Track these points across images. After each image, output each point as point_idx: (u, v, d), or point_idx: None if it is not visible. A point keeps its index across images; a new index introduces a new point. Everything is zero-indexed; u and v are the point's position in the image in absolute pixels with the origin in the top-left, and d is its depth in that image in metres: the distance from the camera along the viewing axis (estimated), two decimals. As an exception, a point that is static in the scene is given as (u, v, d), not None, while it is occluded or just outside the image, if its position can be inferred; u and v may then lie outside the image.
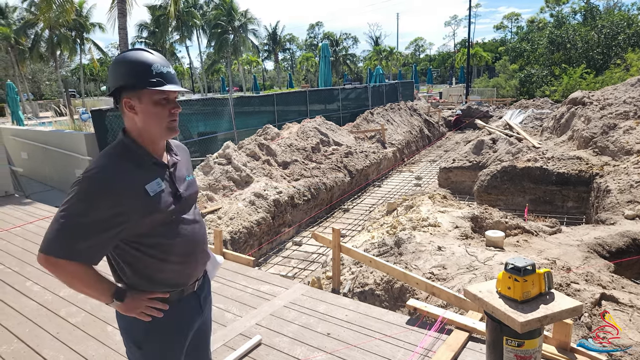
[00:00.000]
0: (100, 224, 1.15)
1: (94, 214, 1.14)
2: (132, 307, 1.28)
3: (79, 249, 1.15)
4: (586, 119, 7.74)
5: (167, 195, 1.29)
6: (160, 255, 1.29)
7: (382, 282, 3.53)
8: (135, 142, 1.26)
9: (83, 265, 1.19)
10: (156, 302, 1.30)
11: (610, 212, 5.07)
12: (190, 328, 1.42)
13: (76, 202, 1.14)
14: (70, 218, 1.14)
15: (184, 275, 1.37)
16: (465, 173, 8.78)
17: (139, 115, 1.24)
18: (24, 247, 4.29)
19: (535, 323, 1.70)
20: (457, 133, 16.90)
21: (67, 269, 1.17)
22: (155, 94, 1.23)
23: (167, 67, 1.26)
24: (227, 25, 35.12)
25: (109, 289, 1.25)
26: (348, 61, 55.92)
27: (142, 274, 1.29)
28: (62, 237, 1.14)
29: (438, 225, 4.29)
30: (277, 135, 9.25)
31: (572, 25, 24.21)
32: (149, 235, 1.26)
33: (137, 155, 1.26)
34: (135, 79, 1.21)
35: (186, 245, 1.34)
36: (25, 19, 27.24)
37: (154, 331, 1.33)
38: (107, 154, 1.24)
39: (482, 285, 1.97)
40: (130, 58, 1.23)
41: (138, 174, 1.23)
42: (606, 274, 3.20)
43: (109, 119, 7.09)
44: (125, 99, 1.23)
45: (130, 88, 1.22)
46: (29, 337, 2.70)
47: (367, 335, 2.54)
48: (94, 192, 1.15)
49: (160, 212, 1.26)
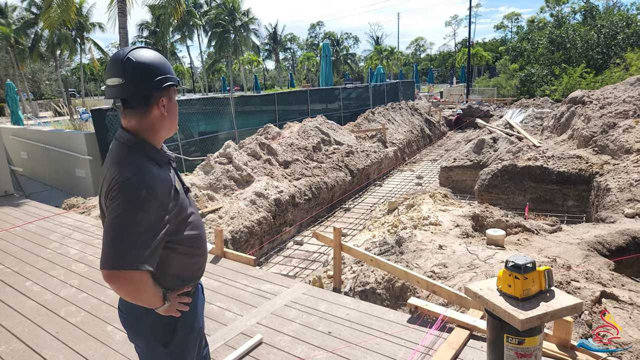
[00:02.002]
0: (155, 228, 1.17)
1: (149, 220, 1.15)
2: (171, 307, 1.30)
3: (145, 256, 1.15)
4: (586, 118, 7.73)
5: (183, 190, 1.34)
6: (186, 250, 1.32)
7: (383, 281, 3.53)
8: (147, 142, 1.26)
9: (147, 273, 1.18)
10: (184, 297, 1.34)
11: (610, 210, 5.07)
12: (202, 316, 1.49)
13: (129, 211, 1.13)
14: (129, 228, 1.13)
15: (201, 266, 1.42)
16: (466, 172, 8.78)
17: (168, 113, 1.25)
18: (24, 247, 4.29)
19: (536, 320, 1.70)
20: (457, 132, 16.90)
21: (134, 280, 1.16)
22: (174, 92, 1.27)
23: None
24: (228, 25, 35.12)
25: (160, 293, 1.26)
26: (349, 61, 55.91)
27: (170, 272, 1.31)
28: (127, 248, 1.13)
29: (439, 224, 4.29)
30: (278, 135, 9.24)
31: (572, 25, 24.21)
32: (178, 232, 1.28)
33: (155, 155, 1.26)
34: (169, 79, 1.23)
35: (201, 235, 1.40)
36: (25, 18, 27.24)
37: (180, 326, 1.35)
38: (132, 158, 1.21)
39: (482, 283, 1.97)
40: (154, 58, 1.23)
41: (164, 174, 1.25)
42: (606, 272, 3.20)
43: (109, 118, 7.09)
44: (164, 99, 1.24)
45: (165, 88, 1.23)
46: (28, 337, 2.70)
47: (368, 333, 2.54)
48: (142, 198, 1.14)
49: (187, 208, 1.31)
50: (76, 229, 4.83)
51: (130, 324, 1.37)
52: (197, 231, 1.36)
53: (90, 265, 3.79)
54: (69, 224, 5.00)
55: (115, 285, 1.16)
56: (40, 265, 3.80)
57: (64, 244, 4.36)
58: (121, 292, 1.19)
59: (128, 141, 1.24)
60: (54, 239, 4.52)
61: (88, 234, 4.66)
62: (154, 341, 1.35)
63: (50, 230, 4.79)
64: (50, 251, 4.16)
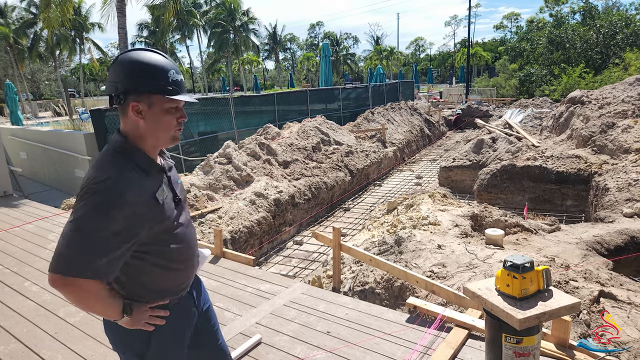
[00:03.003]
0: (118, 237, 1.09)
1: (111, 227, 1.07)
2: (137, 319, 1.23)
3: (99, 265, 1.07)
4: (585, 118, 7.74)
5: (170, 202, 1.25)
6: (162, 263, 1.25)
7: (382, 281, 3.54)
8: (137, 148, 1.20)
9: (100, 282, 1.11)
10: (158, 310, 1.27)
11: (609, 210, 5.07)
12: (189, 327, 1.41)
13: (91, 216, 1.06)
14: (87, 233, 1.06)
15: (183, 281, 1.35)
16: (466, 172, 8.78)
17: (146, 121, 1.17)
18: (23, 248, 4.29)
19: (534, 320, 1.70)
20: (457, 132, 16.91)
21: (83, 288, 1.09)
22: (167, 102, 1.17)
23: (180, 74, 1.21)
24: (227, 25, 35.11)
25: (119, 305, 1.20)
26: (349, 61, 55.92)
27: (142, 284, 1.25)
28: (79, 253, 1.06)
29: (438, 223, 4.29)
30: (277, 135, 9.25)
31: (571, 25, 24.24)
32: (153, 243, 1.21)
33: (142, 161, 1.20)
34: (150, 84, 1.14)
35: (186, 250, 1.32)
36: (24, 18, 27.21)
37: (155, 338, 1.29)
38: (112, 161, 1.16)
39: (481, 282, 1.98)
40: (145, 60, 1.15)
41: (147, 182, 1.18)
42: (605, 272, 3.20)
43: (108, 118, 7.08)
44: (134, 103, 1.15)
45: (142, 92, 1.15)
46: (26, 337, 2.69)
47: (366, 333, 2.54)
48: (109, 204, 1.07)
49: (168, 219, 1.23)
50: (75, 229, 4.83)
51: (107, 333, 1.33)
52: (180, 245, 1.28)
53: (89, 265, 3.79)
54: (68, 224, 5.00)
55: (61, 292, 1.09)
56: (39, 266, 3.80)
57: (63, 244, 4.35)
58: (68, 299, 1.13)
59: (116, 143, 1.20)
60: (52, 239, 4.51)
61: (87, 234, 4.65)
62: (128, 353, 1.31)
63: (49, 231, 4.78)
64: (49, 251, 4.16)
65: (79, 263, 1.06)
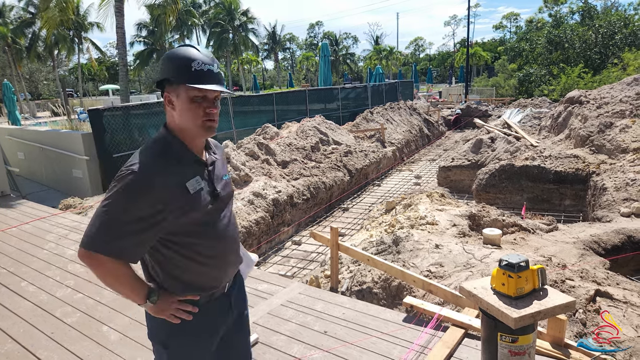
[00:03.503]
0: (142, 222, 1.13)
1: (135, 212, 1.12)
2: (162, 309, 1.25)
3: (121, 246, 1.14)
4: (583, 118, 7.76)
5: (205, 194, 1.26)
6: (192, 256, 1.26)
7: (380, 280, 3.54)
8: (176, 138, 1.24)
9: (122, 263, 1.17)
10: (186, 305, 1.27)
11: (607, 209, 5.08)
12: (218, 329, 1.40)
13: (118, 199, 1.13)
14: (113, 215, 1.13)
15: (214, 278, 1.34)
16: (464, 172, 8.79)
17: (176, 110, 1.23)
18: (20, 248, 4.28)
19: (529, 319, 1.70)
20: (456, 132, 16.92)
21: (106, 266, 1.16)
22: (192, 91, 1.19)
23: (210, 65, 1.21)
24: (226, 25, 35.08)
25: (142, 290, 1.23)
26: (348, 61, 55.92)
27: (172, 275, 1.27)
28: (103, 233, 1.13)
29: (436, 223, 4.29)
30: (276, 135, 9.25)
31: (570, 25, 24.27)
32: (184, 234, 1.23)
33: (178, 151, 1.24)
34: (174, 74, 1.20)
35: (219, 246, 1.32)
36: (22, 18, 27.16)
37: (179, 332, 1.30)
38: (148, 148, 1.23)
39: (477, 282, 1.98)
40: (176, 53, 1.22)
41: (179, 171, 1.21)
42: (601, 271, 3.21)
43: (106, 118, 7.07)
44: (166, 94, 1.23)
45: (171, 83, 1.21)
46: (23, 337, 2.69)
47: (363, 332, 2.54)
48: (136, 189, 1.13)
49: (198, 210, 1.23)
50: (73, 229, 4.82)
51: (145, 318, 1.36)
52: (212, 240, 1.29)
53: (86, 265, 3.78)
54: (66, 225, 4.99)
55: (86, 266, 1.17)
56: (36, 266, 3.80)
57: (60, 244, 4.35)
58: (94, 274, 1.20)
59: (157, 134, 1.27)
60: (50, 239, 4.51)
61: (85, 234, 4.65)
62: (155, 340, 1.34)
63: (47, 231, 4.78)
64: (47, 252, 4.15)
65: (101, 241, 1.13)
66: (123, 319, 2.85)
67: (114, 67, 41.11)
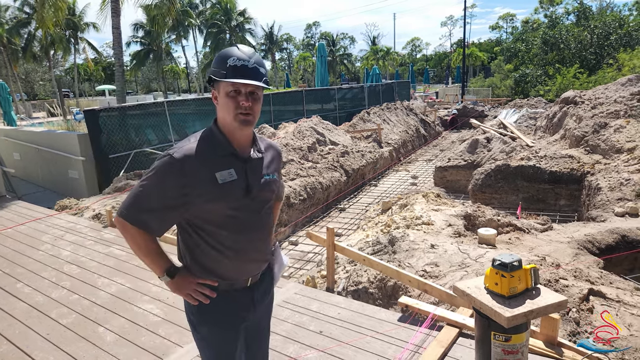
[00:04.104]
0: (166, 200, 1.24)
1: (163, 192, 1.24)
2: (179, 286, 1.33)
3: (145, 219, 1.26)
4: (578, 118, 7.81)
5: (236, 188, 1.30)
6: (215, 245, 1.32)
7: (375, 280, 3.55)
8: (219, 130, 1.32)
9: (144, 233, 1.28)
10: (204, 288, 1.34)
11: (601, 209, 5.13)
12: (237, 322, 1.42)
13: (151, 178, 1.25)
14: (144, 191, 1.25)
15: (234, 270, 1.38)
16: (461, 172, 8.83)
17: (219, 106, 1.31)
18: (15, 249, 4.26)
19: (521, 318, 1.72)
20: (453, 132, 16.99)
21: (130, 232, 1.28)
22: (226, 86, 1.26)
23: (246, 61, 1.26)
24: (223, 25, 35.03)
25: (163, 264, 1.33)
26: (345, 61, 55.97)
27: (197, 260, 1.35)
28: (132, 203, 1.26)
29: (431, 223, 4.32)
30: (273, 135, 9.25)
31: (565, 25, 24.45)
32: (211, 222, 1.30)
33: (217, 142, 1.31)
34: (213, 72, 1.28)
35: (243, 241, 1.36)
36: (17, 18, 26.99)
37: (201, 315, 1.38)
38: (191, 136, 1.32)
39: (470, 281, 1.99)
40: (219, 53, 1.29)
41: (212, 160, 1.28)
42: (595, 270, 3.24)
43: (102, 119, 7.05)
44: (213, 90, 1.32)
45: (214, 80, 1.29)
46: (19, 338, 2.68)
47: (358, 332, 2.56)
48: (166, 170, 1.23)
49: (225, 201, 1.29)
50: (68, 230, 4.81)
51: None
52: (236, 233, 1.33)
53: (82, 266, 3.77)
54: (61, 226, 4.97)
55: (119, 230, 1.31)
56: (32, 267, 3.78)
57: (55, 245, 4.33)
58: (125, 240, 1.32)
59: (208, 127, 1.35)
60: (45, 240, 4.49)
61: (80, 235, 4.64)
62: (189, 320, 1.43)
63: (42, 232, 4.76)
64: (42, 253, 4.14)
65: (130, 210, 1.27)
66: (119, 319, 2.85)
67: (111, 68, 40.96)
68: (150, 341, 2.59)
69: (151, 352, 2.48)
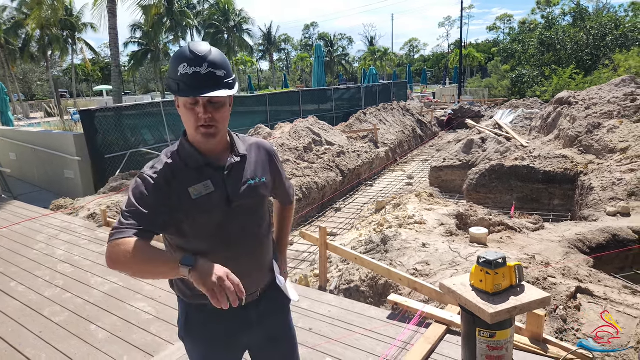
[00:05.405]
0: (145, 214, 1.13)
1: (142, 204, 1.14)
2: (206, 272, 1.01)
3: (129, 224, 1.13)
4: (572, 119, 7.87)
5: (215, 200, 1.20)
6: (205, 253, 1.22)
7: (367, 279, 3.58)
8: (188, 142, 1.22)
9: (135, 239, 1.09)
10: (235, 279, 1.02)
11: (593, 209, 5.17)
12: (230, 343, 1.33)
13: (128, 200, 1.17)
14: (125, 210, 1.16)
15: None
16: (456, 172, 8.87)
17: (181, 116, 1.20)
18: (10, 248, 4.28)
19: (505, 314, 1.75)
20: (449, 133, 17.04)
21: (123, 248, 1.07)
22: (183, 98, 1.13)
23: (197, 67, 1.09)
24: (221, 25, 35.03)
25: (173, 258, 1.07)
26: (343, 61, 56.05)
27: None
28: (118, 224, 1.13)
29: (424, 222, 4.35)
30: (269, 135, 9.27)
31: (562, 26, 24.56)
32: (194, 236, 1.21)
33: (187, 154, 1.21)
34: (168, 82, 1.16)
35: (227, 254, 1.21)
36: (15, 18, 26.93)
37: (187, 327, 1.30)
38: (164, 153, 1.25)
39: (457, 278, 2.02)
40: (173, 56, 1.15)
41: (185, 175, 1.19)
42: (584, 269, 3.27)
43: (98, 119, 7.06)
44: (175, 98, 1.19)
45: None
46: (11, 336, 2.70)
47: (348, 330, 2.58)
48: (140, 189, 1.15)
49: (206, 215, 1.19)
50: (63, 229, 4.82)
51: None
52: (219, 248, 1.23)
53: (75, 265, 3.79)
54: (56, 225, 4.99)
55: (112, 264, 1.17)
56: (26, 266, 3.80)
57: (50, 244, 4.35)
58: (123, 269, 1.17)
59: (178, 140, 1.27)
60: (40, 239, 4.50)
61: (75, 235, 4.65)
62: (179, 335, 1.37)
63: (37, 232, 4.77)
64: (36, 252, 4.15)
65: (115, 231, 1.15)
66: (111, 318, 2.87)
67: (108, 68, 40.85)
68: (141, 338, 2.61)
69: (142, 349, 2.50)
